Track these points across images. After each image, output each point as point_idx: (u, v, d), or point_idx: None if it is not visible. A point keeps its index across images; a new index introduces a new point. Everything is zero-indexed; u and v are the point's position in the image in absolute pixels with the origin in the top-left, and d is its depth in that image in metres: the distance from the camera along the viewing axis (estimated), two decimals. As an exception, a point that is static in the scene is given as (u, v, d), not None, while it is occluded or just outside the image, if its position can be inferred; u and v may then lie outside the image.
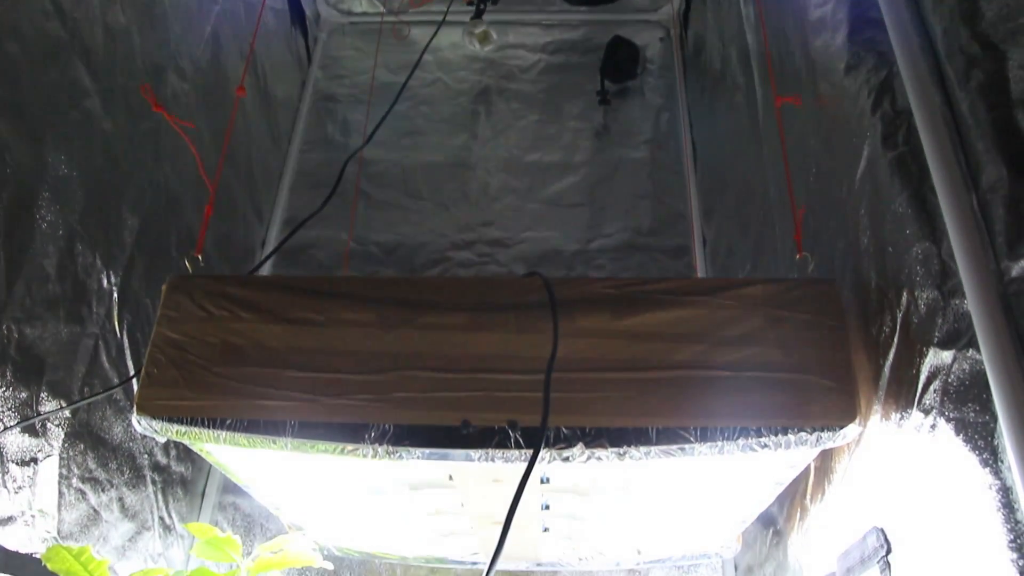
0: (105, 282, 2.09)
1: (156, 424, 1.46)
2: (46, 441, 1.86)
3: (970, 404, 1.18)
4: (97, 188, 2.05)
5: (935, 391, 1.27)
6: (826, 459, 1.70)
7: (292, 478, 1.88)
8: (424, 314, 1.52)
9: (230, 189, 2.97)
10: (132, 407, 1.47)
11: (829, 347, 1.45)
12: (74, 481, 1.97)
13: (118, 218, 2.17)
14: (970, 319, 1.15)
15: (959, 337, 1.22)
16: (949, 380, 1.23)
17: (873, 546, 1.45)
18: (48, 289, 1.85)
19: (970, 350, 1.18)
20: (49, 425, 1.88)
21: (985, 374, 1.11)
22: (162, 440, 2.02)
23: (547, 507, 1.97)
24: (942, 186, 1.25)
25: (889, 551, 1.41)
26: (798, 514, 1.90)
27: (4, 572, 1.69)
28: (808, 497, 1.83)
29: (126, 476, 2.20)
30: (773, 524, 2.13)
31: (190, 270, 1.76)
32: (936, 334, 1.28)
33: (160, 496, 2.40)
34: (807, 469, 1.79)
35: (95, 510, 2.05)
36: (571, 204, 3.44)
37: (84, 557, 1.56)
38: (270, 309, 1.54)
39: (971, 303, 1.15)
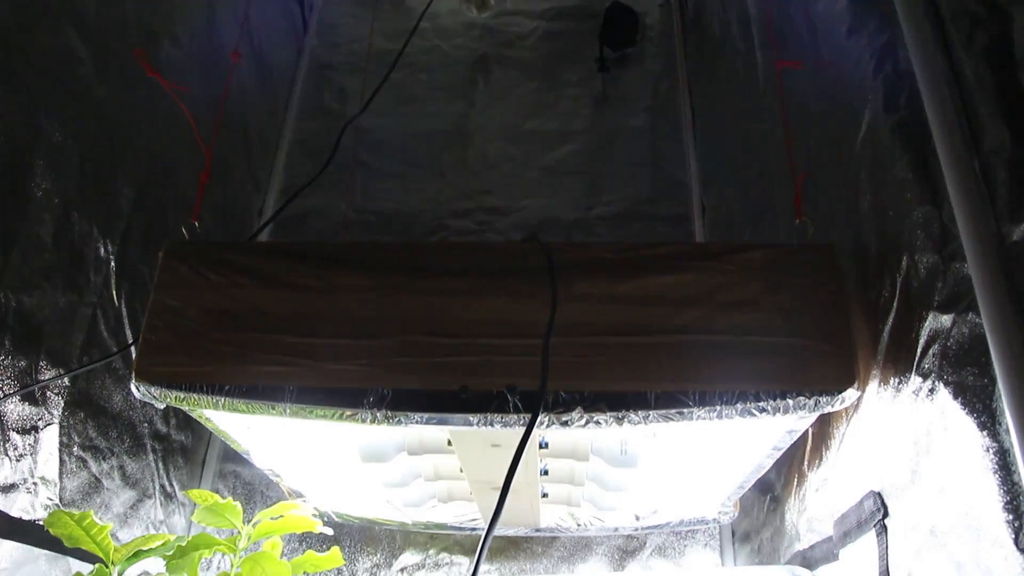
0: (102, 250, 2.08)
1: (155, 390, 1.46)
2: (46, 409, 1.87)
3: (969, 368, 1.18)
4: (92, 156, 2.03)
5: (934, 355, 1.27)
6: (824, 425, 1.71)
7: (292, 444, 1.89)
8: (423, 279, 1.51)
9: (227, 157, 2.95)
10: (131, 375, 1.47)
11: (828, 311, 1.44)
12: (75, 449, 1.98)
13: (114, 186, 2.16)
14: (970, 283, 1.15)
15: (959, 301, 1.21)
16: (948, 344, 1.23)
17: (869, 510, 1.46)
18: (45, 258, 1.84)
19: (970, 314, 1.18)
20: (49, 394, 1.88)
21: (984, 337, 1.10)
22: (161, 407, 2.02)
23: (546, 472, 1.98)
24: (944, 149, 1.23)
25: (886, 515, 1.42)
26: (795, 480, 1.91)
27: (8, 538, 1.70)
28: (806, 463, 1.84)
29: (126, 444, 2.21)
30: (771, 490, 2.14)
31: (187, 237, 1.75)
32: (936, 298, 1.28)
33: (161, 464, 2.41)
34: (805, 435, 1.79)
35: (96, 478, 2.06)
36: (570, 172, 3.42)
37: (86, 522, 1.57)
38: (268, 275, 1.53)
39: (972, 267, 1.15)
